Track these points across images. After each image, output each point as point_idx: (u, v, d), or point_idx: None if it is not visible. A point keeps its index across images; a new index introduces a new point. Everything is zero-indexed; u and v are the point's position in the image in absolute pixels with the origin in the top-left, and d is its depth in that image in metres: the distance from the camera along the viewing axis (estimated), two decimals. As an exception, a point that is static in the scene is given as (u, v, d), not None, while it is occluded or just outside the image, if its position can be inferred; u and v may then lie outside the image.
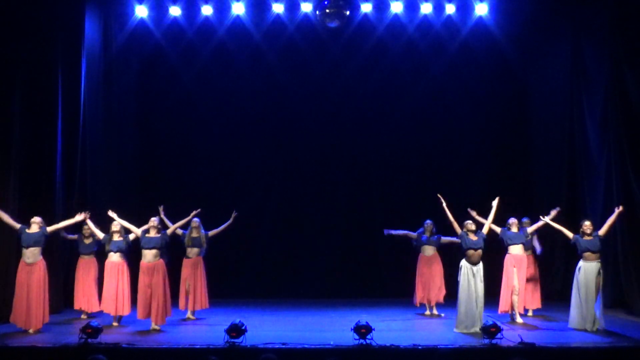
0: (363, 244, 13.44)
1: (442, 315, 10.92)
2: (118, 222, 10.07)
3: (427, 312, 11.08)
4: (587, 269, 9.49)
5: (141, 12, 12.67)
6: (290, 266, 13.20)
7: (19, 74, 10.73)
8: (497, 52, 13.13)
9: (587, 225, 9.68)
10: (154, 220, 9.94)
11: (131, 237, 10.06)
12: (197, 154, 13.54)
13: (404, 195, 13.48)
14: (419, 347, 8.14)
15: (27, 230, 9.52)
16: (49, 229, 9.65)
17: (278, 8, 12.72)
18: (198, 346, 8.22)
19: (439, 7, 12.73)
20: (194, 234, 10.88)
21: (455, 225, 10.00)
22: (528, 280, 10.63)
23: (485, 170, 13.49)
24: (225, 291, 12.34)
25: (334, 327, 9.68)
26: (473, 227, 9.85)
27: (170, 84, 13.47)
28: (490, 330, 8.34)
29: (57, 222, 10.25)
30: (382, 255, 13.39)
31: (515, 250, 10.37)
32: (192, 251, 10.86)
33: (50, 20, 11.18)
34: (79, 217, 9.98)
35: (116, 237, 10.06)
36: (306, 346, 8.19)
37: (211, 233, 11.02)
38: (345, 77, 13.46)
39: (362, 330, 8.25)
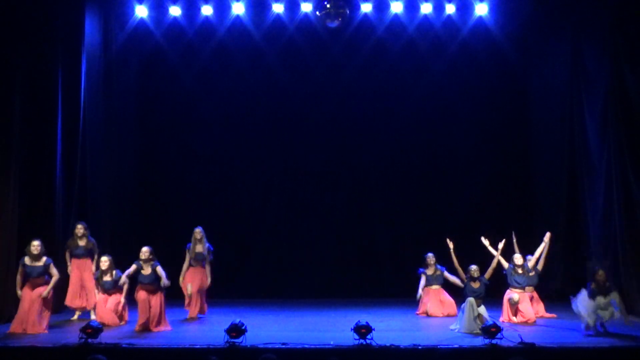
0: (363, 244, 13.45)
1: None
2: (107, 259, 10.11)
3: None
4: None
5: (141, 12, 12.67)
6: (290, 266, 13.20)
7: (19, 74, 10.72)
8: (497, 52, 13.12)
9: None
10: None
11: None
12: (197, 154, 13.54)
13: (404, 195, 13.50)
14: (419, 347, 8.13)
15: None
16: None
17: (278, 8, 12.72)
18: (198, 346, 8.21)
19: (439, 7, 12.73)
20: (198, 249, 10.61)
21: (460, 272, 10.07)
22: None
23: (485, 170, 13.49)
24: (225, 291, 12.34)
25: (334, 327, 9.67)
26: (477, 273, 9.88)
27: (170, 84, 13.47)
28: (490, 330, 8.33)
29: (57, 224, 10.66)
30: (382, 255, 13.40)
31: (518, 290, 10.38)
32: (197, 263, 10.67)
33: (50, 20, 11.18)
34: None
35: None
36: (306, 346, 8.19)
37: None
38: (345, 77, 13.47)
39: (362, 330, 8.24)
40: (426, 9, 12.68)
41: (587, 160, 11.98)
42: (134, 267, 9.81)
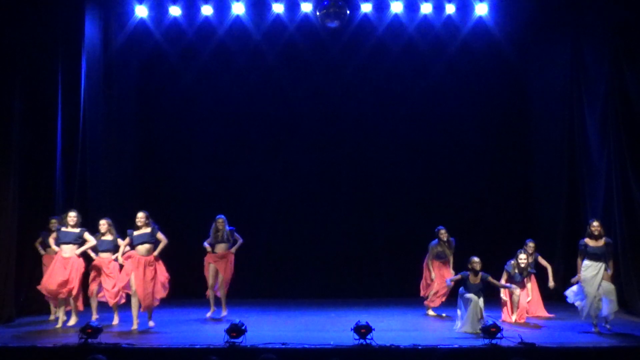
0: (363, 244, 13.45)
1: (444, 315, 10.91)
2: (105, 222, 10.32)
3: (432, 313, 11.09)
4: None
5: (141, 12, 12.67)
6: (290, 266, 13.20)
7: (19, 74, 10.72)
8: (497, 52, 13.13)
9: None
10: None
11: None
12: (197, 154, 13.54)
13: (404, 195, 13.51)
14: (419, 347, 8.13)
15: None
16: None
17: (278, 8, 12.73)
18: (198, 346, 8.21)
19: (439, 7, 12.73)
20: (218, 233, 10.79)
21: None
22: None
23: (485, 170, 13.50)
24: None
25: (334, 327, 9.68)
26: (478, 266, 9.70)
27: (170, 84, 13.48)
28: (490, 330, 8.33)
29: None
30: (382, 255, 13.40)
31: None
32: (219, 247, 10.82)
33: (50, 20, 11.18)
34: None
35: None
36: (306, 346, 8.19)
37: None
38: (345, 77, 13.47)
39: (362, 330, 8.24)
40: (426, 9, 12.69)
41: (587, 160, 11.98)
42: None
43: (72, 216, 10.00)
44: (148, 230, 9.91)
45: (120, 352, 8.06)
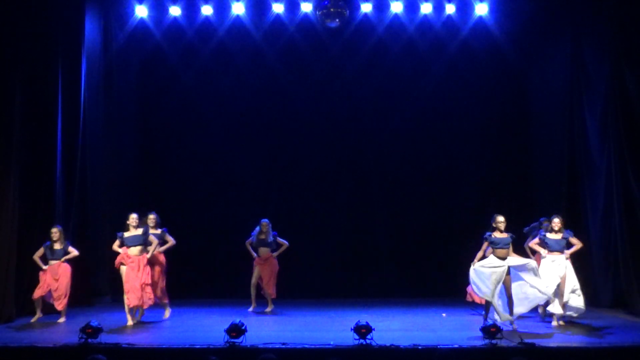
0: (363, 244, 13.44)
1: (444, 315, 10.91)
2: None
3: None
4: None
5: (141, 12, 12.67)
6: (291, 266, 13.19)
7: (19, 74, 10.73)
8: (497, 52, 13.12)
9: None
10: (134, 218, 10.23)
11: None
12: (197, 154, 13.53)
13: (404, 195, 13.49)
14: (419, 347, 8.13)
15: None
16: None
17: (278, 8, 12.73)
18: (198, 346, 8.21)
19: (439, 7, 12.74)
20: (262, 236, 11.29)
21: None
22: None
23: (485, 170, 13.49)
24: (226, 291, 12.34)
25: (334, 327, 9.68)
26: (503, 226, 9.77)
27: (170, 84, 13.47)
28: (490, 330, 8.33)
29: (57, 223, 10.62)
30: (382, 255, 13.40)
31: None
32: (262, 250, 11.34)
33: (50, 20, 11.18)
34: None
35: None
36: (306, 346, 8.19)
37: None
38: (345, 77, 13.46)
39: (362, 330, 8.24)
40: (426, 9, 12.69)
41: (587, 160, 11.97)
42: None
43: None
44: (139, 232, 10.05)
45: (120, 352, 8.06)
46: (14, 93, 10.67)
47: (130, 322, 9.94)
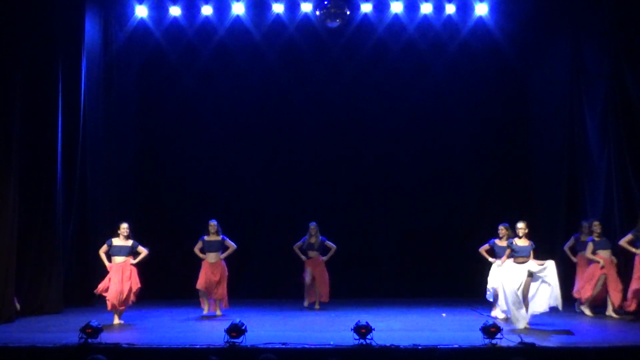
0: (363, 244, 13.44)
1: (444, 315, 10.91)
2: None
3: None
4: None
5: (141, 12, 12.68)
6: (290, 266, 13.18)
7: (19, 74, 10.72)
8: (497, 52, 13.14)
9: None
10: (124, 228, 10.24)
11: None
12: (197, 154, 13.54)
13: (404, 195, 13.51)
14: (419, 347, 8.11)
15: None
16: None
17: (278, 8, 12.74)
18: (198, 346, 8.20)
19: (439, 7, 12.75)
20: (312, 240, 11.67)
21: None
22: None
23: (485, 170, 13.50)
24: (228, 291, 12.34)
25: (334, 327, 9.67)
26: (522, 232, 9.67)
27: (170, 84, 13.48)
28: (490, 330, 8.32)
29: (57, 223, 10.70)
30: (382, 255, 13.40)
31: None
32: (312, 253, 11.70)
33: (50, 20, 11.18)
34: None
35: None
36: (306, 346, 8.17)
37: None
38: (345, 77, 13.47)
39: (362, 330, 8.22)
40: (426, 9, 12.70)
41: (587, 160, 11.98)
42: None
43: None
44: (129, 243, 10.14)
45: (120, 352, 8.05)
46: (14, 93, 10.66)
47: (115, 322, 10.05)
